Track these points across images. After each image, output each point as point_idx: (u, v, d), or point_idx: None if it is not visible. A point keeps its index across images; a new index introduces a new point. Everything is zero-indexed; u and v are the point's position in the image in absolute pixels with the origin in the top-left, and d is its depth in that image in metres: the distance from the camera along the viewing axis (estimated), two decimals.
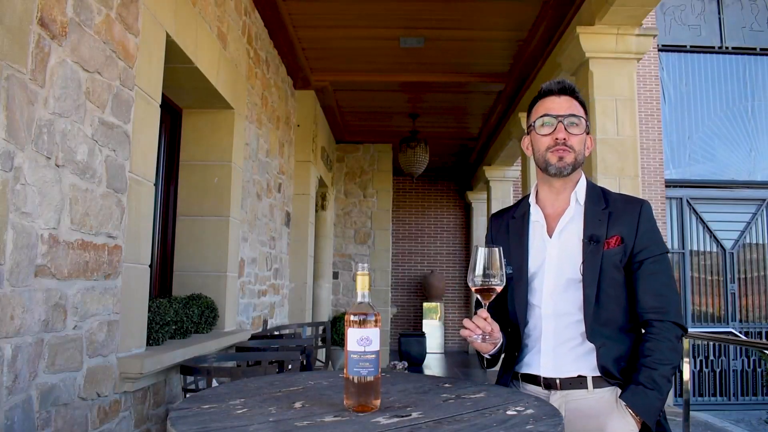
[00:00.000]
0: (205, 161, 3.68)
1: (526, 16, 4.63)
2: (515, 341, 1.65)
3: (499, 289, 1.43)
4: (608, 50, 4.03)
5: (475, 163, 9.86)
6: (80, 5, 1.99)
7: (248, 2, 4.19)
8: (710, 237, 9.28)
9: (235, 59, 3.83)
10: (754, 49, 9.47)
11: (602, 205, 1.60)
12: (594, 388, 1.53)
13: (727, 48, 9.47)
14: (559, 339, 1.57)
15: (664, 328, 1.50)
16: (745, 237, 9.28)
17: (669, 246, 9.03)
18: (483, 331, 1.45)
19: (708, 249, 9.28)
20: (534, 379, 1.60)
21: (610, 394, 1.52)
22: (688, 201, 9.27)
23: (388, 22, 4.79)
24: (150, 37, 2.53)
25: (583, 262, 1.54)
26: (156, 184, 2.76)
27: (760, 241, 9.29)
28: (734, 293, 9.14)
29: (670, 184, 9.18)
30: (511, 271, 1.62)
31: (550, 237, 1.61)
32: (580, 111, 1.60)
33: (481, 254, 1.43)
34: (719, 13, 9.46)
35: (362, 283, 1.27)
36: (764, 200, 9.28)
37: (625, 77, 4.05)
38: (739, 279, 9.19)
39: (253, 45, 4.35)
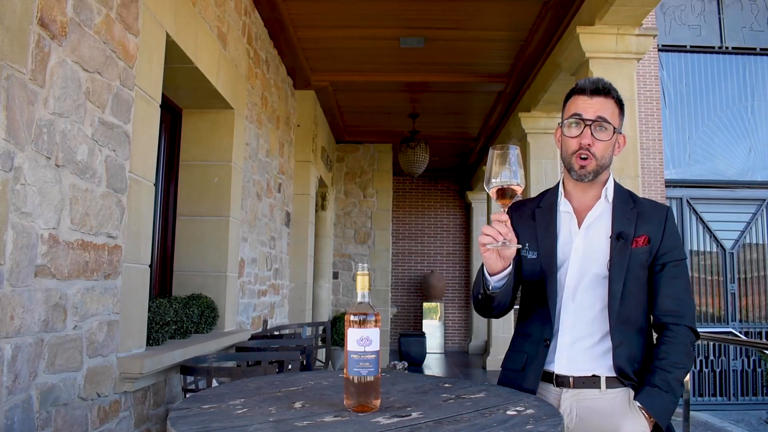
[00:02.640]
0: (205, 161, 3.68)
1: (526, 16, 4.63)
2: (541, 322, 1.60)
3: (519, 189, 1.36)
4: (608, 50, 4.03)
5: (475, 163, 9.86)
6: (80, 5, 1.99)
7: (248, 2, 4.19)
8: (710, 237, 9.27)
9: (235, 59, 3.83)
10: (754, 49, 9.46)
11: (630, 205, 1.61)
12: (607, 388, 1.53)
13: (727, 48, 9.46)
14: (576, 335, 1.56)
15: (680, 332, 1.53)
16: (745, 237, 9.27)
17: None
18: (504, 237, 1.39)
19: (708, 249, 9.27)
20: (546, 377, 1.59)
21: (622, 395, 1.53)
22: (688, 201, 9.27)
23: (388, 22, 4.78)
24: (150, 37, 2.53)
25: (610, 259, 1.55)
26: (156, 184, 2.76)
27: (760, 241, 9.28)
28: (734, 293, 9.14)
29: (670, 184, 9.17)
30: (535, 256, 1.61)
31: (579, 229, 1.61)
32: (612, 112, 1.57)
33: (497, 155, 1.35)
34: (719, 13, 9.45)
35: (362, 283, 1.27)
36: (764, 200, 9.28)
37: (625, 77, 4.05)
38: (739, 279, 9.18)
39: (253, 45, 4.35)
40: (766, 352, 8.05)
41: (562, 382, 1.56)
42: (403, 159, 7.39)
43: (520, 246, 1.45)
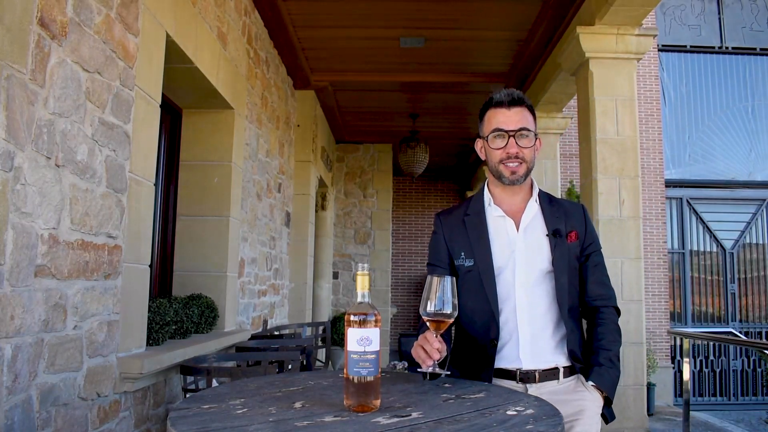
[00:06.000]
0: (205, 161, 3.68)
1: (526, 16, 4.63)
2: (485, 324, 1.68)
3: (450, 320, 1.47)
4: (608, 50, 4.03)
5: (475, 163, 9.85)
6: (80, 5, 1.99)
7: (248, 2, 4.19)
8: (710, 237, 9.27)
9: (235, 59, 3.83)
10: (754, 49, 9.46)
11: (555, 205, 1.78)
12: (563, 377, 1.66)
13: (727, 48, 9.46)
14: (535, 329, 1.66)
15: (609, 312, 1.75)
16: (745, 237, 9.27)
17: (669, 246, 9.06)
18: (434, 361, 1.48)
19: (708, 249, 9.27)
20: (508, 374, 1.65)
21: (574, 380, 1.68)
22: (688, 201, 9.27)
23: (388, 22, 4.78)
24: (150, 37, 2.53)
25: (552, 255, 1.68)
26: (156, 184, 2.76)
27: (760, 241, 9.28)
28: (734, 293, 9.14)
29: (670, 184, 9.17)
30: (472, 263, 1.70)
31: (518, 231, 1.71)
32: (530, 121, 1.71)
33: (434, 284, 1.46)
34: (719, 13, 9.45)
35: (362, 283, 1.28)
36: (764, 200, 9.28)
37: (625, 77, 4.05)
38: (739, 279, 9.18)
39: (253, 45, 4.35)
40: (766, 352, 8.04)
41: (527, 378, 1.64)
42: (403, 159, 7.39)
43: (449, 373, 1.54)
